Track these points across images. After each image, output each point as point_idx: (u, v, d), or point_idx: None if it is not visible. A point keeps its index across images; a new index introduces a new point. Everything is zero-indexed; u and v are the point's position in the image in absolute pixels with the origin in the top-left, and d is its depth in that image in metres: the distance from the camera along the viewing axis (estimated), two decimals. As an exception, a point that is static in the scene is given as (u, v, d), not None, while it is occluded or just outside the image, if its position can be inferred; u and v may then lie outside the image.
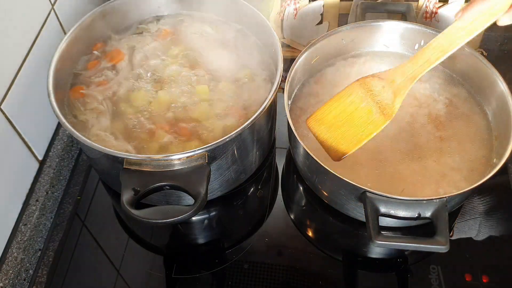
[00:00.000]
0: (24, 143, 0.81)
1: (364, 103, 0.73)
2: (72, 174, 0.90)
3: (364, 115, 0.73)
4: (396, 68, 0.72)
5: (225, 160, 0.74)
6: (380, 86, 0.72)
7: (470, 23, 0.65)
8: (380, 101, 0.72)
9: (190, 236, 0.84)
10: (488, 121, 0.83)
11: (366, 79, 0.73)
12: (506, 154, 0.70)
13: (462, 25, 0.66)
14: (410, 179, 0.76)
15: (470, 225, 0.81)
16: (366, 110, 0.72)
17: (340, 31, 0.88)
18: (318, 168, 0.71)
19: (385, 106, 0.72)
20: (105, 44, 0.90)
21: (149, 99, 0.81)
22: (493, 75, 0.80)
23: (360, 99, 0.73)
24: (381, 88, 0.72)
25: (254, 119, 0.71)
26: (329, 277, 0.76)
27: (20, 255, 0.78)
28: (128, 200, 0.65)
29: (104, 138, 0.76)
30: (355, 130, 0.73)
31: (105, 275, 0.78)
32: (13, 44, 0.78)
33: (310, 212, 0.85)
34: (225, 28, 0.92)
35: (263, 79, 0.83)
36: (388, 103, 0.71)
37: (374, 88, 0.72)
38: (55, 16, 0.90)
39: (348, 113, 0.73)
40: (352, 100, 0.73)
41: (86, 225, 0.83)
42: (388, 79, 0.72)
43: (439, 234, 0.64)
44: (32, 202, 0.83)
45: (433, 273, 0.75)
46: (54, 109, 0.72)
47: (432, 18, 1.00)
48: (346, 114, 0.73)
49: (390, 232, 0.78)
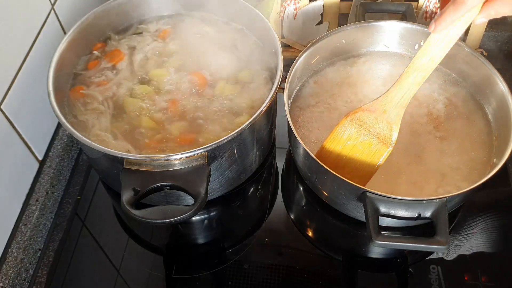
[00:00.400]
0: (24, 143, 0.81)
1: (361, 137, 0.72)
2: (72, 174, 0.90)
3: (366, 148, 0.73)
4: (384, 97, 0.70)
5: (225, 160, 0.74)
6: (373, 119, 0.71)
7: (446, 34, 0.62)
8: (378, 133, 0.72)
9: (190, 236, 0.84)
10: (488, 121, 0.83)
11: (356, 114, 0.72)
12: (506, 154, 0.70)
13: (439, 37, 0.63)
14: (410, 179, 0.76)
15: (470, 225, 0.81)
16: (366, 143, 0.72)
17: (340, 31, 0.88)
18: (318, 168, 0.71)
19: (384, 136, 0.71)
20: (105, 44, 0.90)
21: (148, 99, 0.81)
22: (493, 75, 0.80)
23: (357, 134, 0.73)
24: (374, 120, 0.71)
25: (254, 119, 0.71)
26: (329, 277, 0.76)
27: (20, 255, 0.78)
28: (128, 200, 0.65)
29: (104, 138, 0.76)
30: (362, 163, 0.73)
31: (105, 275, 0.78)
32: (13, 44, 0.78)
33: (310, 212, 0.85)
34: (225, 28, 0.92)
35: (263, 79, 0.83)
36: (386, 133, 0.71)
37: (367, 122, 0.72)
38: (55, 16, 0.90)
39: (349, 149, 0.74)
40: (349, 136, 0.73)
41: (86, 225, 0.83)
42: (378, 111, 0.71)
43: (439, 234, 0.64)
44: (32, 202, 0.83)
45: (433, 273, 0.75)
46: (54, 109, 0.72)
47: (432, 18, 1.00)
48: (348, 150, 0.74)
49: (390, 232, 0.78)
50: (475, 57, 0.83)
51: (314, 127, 0.83)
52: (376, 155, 0.73)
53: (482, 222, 0.81)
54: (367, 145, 0.73)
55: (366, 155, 0.73)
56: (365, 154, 0.73)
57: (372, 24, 0.89)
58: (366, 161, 0.73)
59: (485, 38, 1.06)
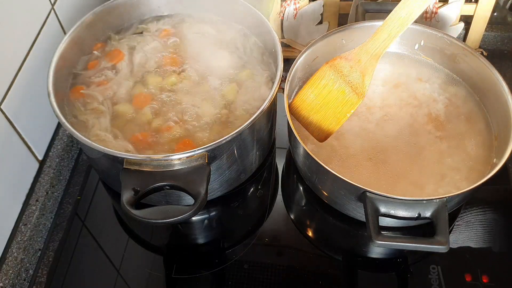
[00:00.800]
0: (24, 143, 0.81)
1: (336, 84, 0.75)
2: (72, 174, 0.90)
3: (339, 97, 0.75)
4: (360, 47, 0.74)
5: (225, 160, 0.74)
6: (348, 67, 0.74)
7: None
8: (351, 81, 0.74)
9: (190, 236, 0.84)
10: (488, 121, 0.83)
11: (334, 61, 0.75)
12: (506, 154, 0.70)
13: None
14: (410, 179, 0.76)
15: (470, 225, 0.81)
16: (339, 92, 0.75)
17: (340, 31, 0.88)
18: (318, 168, 0.71)
19: (357, 86, 0.74)
20: (105, 44, 0.90)
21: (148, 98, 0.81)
22: (493, 75, 0.80)
23: (332, 81, 0.75)
24: (349, 68, 0.74)
25: (254, 119, 0.71)
26: (329, 277, 0.76)
27: (20, 255, 0.78)
28: (128, 200, 0.65)
29: (104, 138, 0.76)
30: (333, 111, 0.76)
31: (105, 275, 0.78)
32: (13, 44, 0.78)
33: (310, 212, 0.85)
34: (225, 28, 0.92)
35: (263, 79, 0.83)
36: (359, 83, 0.74)
37: (343, 70, 0.75)
38: (55, 16, 0.90)
39: (323, 96, 0.76)
40: (325, 84, 0.76)
41: (86, 225, 0.83)
42: (354, 59, 0.74)
43: (439, 234, 0.64)
44: (32, 202, 0.83)
45: (433, 273, 0.75)
46: (54, 109, 0.72)
47: (432, 18, 1.00)
48: (322, 97, 0.76)
49: (390, 232, 0.78)
50: (475, 57, 0.83)
51: (314, 127, 0.83)
52: (347, 104, 0.75)
53: (482, 222, 0.81)
54: (341, 93, 0.75)
55: (339, 103, 0.76)
56: (338, 102, 0.76)
57: (372, 24, 0.89)
58: (337, 109, 0.76)
59: (485, 38, 1.06)
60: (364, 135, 0.81)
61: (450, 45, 0.86)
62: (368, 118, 0.84)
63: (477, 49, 1.05)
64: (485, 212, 0.82)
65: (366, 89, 0.74)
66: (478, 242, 0.79)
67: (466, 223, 0.81)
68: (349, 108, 0.75)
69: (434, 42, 0.88)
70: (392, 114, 0.84)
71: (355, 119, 0.83)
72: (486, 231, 0.80)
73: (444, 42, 0.86)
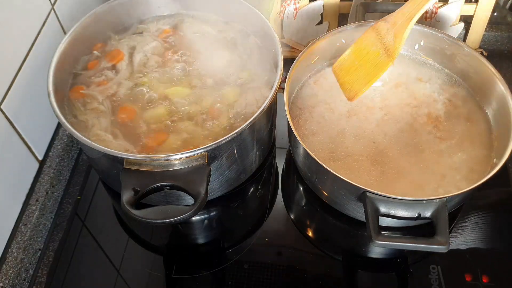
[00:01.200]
0: (24, 143, 0.81)
1: (374, 46, 0.77)
2: (72, 174, 0.90)
3: (374, 58, 0.77)
4: (398, 10, 0.76)
5: (225, 160, 0.74)
6: (385, 29, 0.76)
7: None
8: (385, 43, 0.76)
9: (190, 236, 0.84)
10: (488, 121, 0.83)
11: (378, 23, 0.78)
12: (506, 154, 0.70)
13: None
14: (410, 179, 0.76)
15: (470, 225, 0.81)
16: (375, 53, 0.77)
17: (340, 31, 0.88)
18: (318, 168, 0.71)
19: (389, 47, 0.75)
20: (105, 44, 0.90)
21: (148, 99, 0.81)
22: (493, 75, 0.80)
23: (372, 43, 0.78)
24: (386, 30, 0.76)
25: (254, 119, 0.71)
26: (329, 277, 0.76)
27: (20, 255, 0.78)
28: (128, 200, 0.65)
29: (104, 138, 0.76)
30: (366, 72, 0.78)
31: (105, 275, 0.78)
32: (13, 44, 0.78)
33: (310, 212, 0.85)
34: (225, 28, 0.92)
35: (263, 79, 0.83)
36: (391, 44, 0.75)
37: (381, 31, 0.77)
38: (55, 16, 0.90)
39: (362, 57, 0.79)
40: (366, 45, 0.78)
41: (86, 225, 0.83)
42: (391, 22, 0.76)
43: (439, 234, 0.64)
44: (32, 202, 0.83)
45: (433, 273, 0.75)
46: (54, 109, 0.72)
47: (432, 18, 1.00)
48: (361, 58, 0.79)
49: (390, 232, 0.78)
50: (475, 57, 0.83)
51: (314, 127, 0.83)
52: (379, 66, 0.77)
53: (482, 222, 0.81)
54: (375, 55, 0.77)
55: (372, 64, 0.77)
56: (371, 63, 0.77)
57: (372, 24, 0.89)
58: (370, 70, 0.77)
59: (485, 38, 1.06)
60: (364, 135, 0.81)
61: (450, 45, 0.86)
62: (368, 118, 0.84)
63: (477, 49, 1.05)
64: (485, 212, 0.82)
65: (397, 51, 0.74)
66: (478, 242, 0.79)
67: (466, 223, 0.81)
68: (380, 70, 0.77)
69: (434, 42, 0.88)
70: (392, 114, 0.84)
71: (355, 119, 0.83)
72: (486, 231, 0.80)
73: (444, 42, 0.86)
